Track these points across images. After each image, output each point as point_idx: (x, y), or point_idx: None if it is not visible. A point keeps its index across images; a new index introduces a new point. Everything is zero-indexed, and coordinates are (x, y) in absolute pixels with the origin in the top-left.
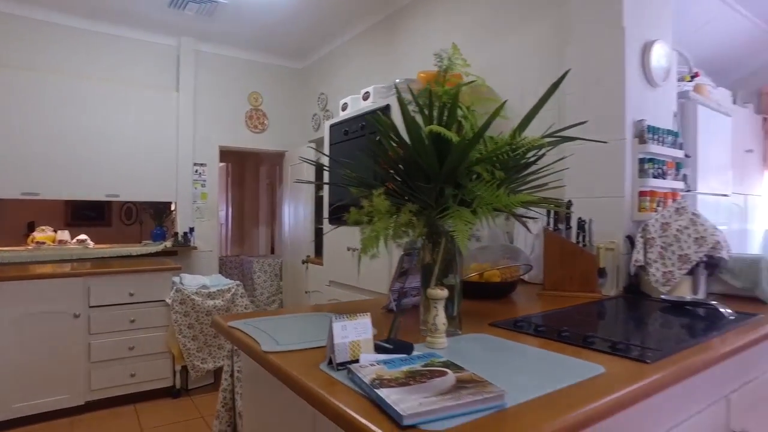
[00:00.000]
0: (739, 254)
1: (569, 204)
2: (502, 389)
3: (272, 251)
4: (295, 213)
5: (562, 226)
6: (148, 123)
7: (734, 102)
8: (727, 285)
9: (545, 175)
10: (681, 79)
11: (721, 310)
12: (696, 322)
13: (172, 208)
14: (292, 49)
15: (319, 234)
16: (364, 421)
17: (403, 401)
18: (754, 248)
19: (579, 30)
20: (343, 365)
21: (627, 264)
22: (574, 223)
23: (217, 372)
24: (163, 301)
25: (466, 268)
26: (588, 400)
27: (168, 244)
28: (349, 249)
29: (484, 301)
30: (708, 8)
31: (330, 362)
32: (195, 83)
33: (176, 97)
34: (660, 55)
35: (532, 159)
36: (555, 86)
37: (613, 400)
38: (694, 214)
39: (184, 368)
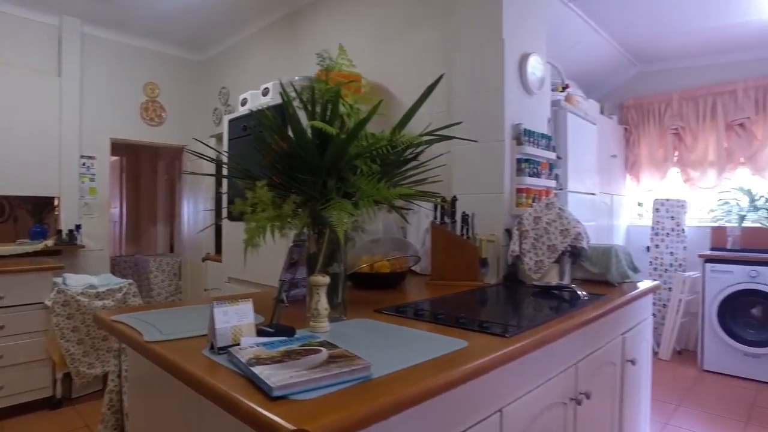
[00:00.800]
0: (596, 244)
1: (454, 199)
2: (369, 362)
3: (171, 250)
4: (195, 210)
5: (448, 220)
6: (24, 109)
7: (602, 113)
8: (586, 271)
9: (425, 171)
10: (554, 89)
11: (578, 292)
12: (556, 303)
13: (56, 203)
14: (192, 40)
15: (220, 231)
16: (237, 396)
17: (274, 376)
18: (619, 241)
19: (465, 39)
20: (224, 349)
21: (506, 254)
22: (459, 217)
23: (106, 377)
24: (42, 303)
25: (358, 259)
26: (447, 369)
27: (49, 242)
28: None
29: (375, 290)
30: (578, 30)
31: (212, 347)
32: (81, 69)
33: (58, 82)
34: (535, 67)
35: (411, 155)
36: (430, 89)
37: (469, 368)
38: (560, 209)
39: (67, 375)
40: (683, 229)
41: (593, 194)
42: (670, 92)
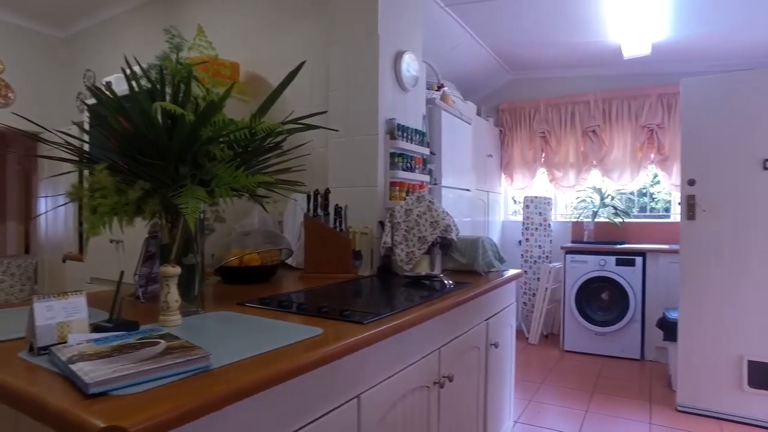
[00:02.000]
0: (464, 236)
1: (327, 191)
2: (208, 351)
3: (27, 250)
4: (55, 205)
5: (322, 213)
6: None
7: (479, 114)
8: (456, 261)
9: (289, 159)
10: (430, 88)
11: (445, 281)
12: (425, 292)
13: None
14: (49, 13)
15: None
16: (44, 397)
17: (94, 371)
18: (495, 235)
19: (341, 33)
20: (47, 348)
21: (380, 246)
22: (332, 210)
23: None
24: None
25: (228, 252)
26: (293, 356)
27: None
28: (112, 241)
29: (245, 284)
30: (455, 35)
31: (31, 348)
32: None
33: None
34: (410, 64)
35: (272, 143)
36: (292, 75)
37: (318, 354)
38: (430, 202)
39: None
40: (549, 224)
41: (468, 190)
42: (539, 99)
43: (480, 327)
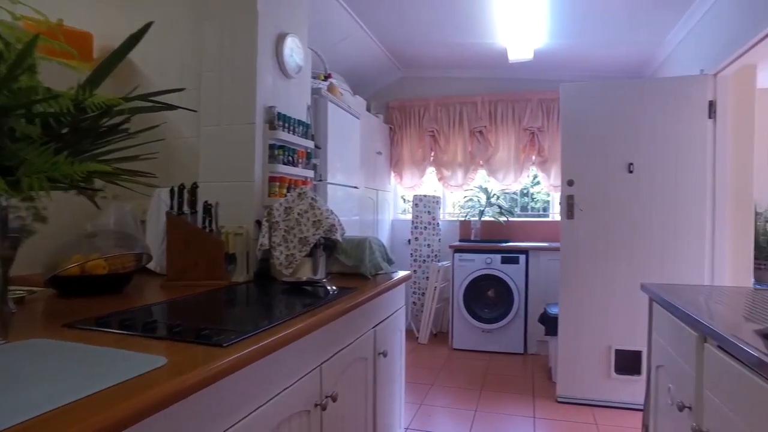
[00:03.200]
0: (350, 237)
1: (195, 186)
2: None
3: None
4: None
5: (188, 211)
6: None
7: (369, 110)
8: (342, 264)
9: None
10: (316, 77)
11: (329, 287)
12: (305, 300)
13: None
14: None
15: None
16: None
17: None
18: (384, 234)
19: (216, 6)
20: None
21: (256, 249)
22: (201, 207)
23: None
24: None
25: (67, 259)
26: (112, 406)
27: None
28: None
29: (89, 297)
30: (346, 26)
31: None
32: None
33: None
34: (294, 49)
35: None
36: (134, 39)
37: (150, 397)
38: (313, 199)
39: None
40: (438, 223)
41: (356, 188)
42: (429, 98)
43: (367, 336)
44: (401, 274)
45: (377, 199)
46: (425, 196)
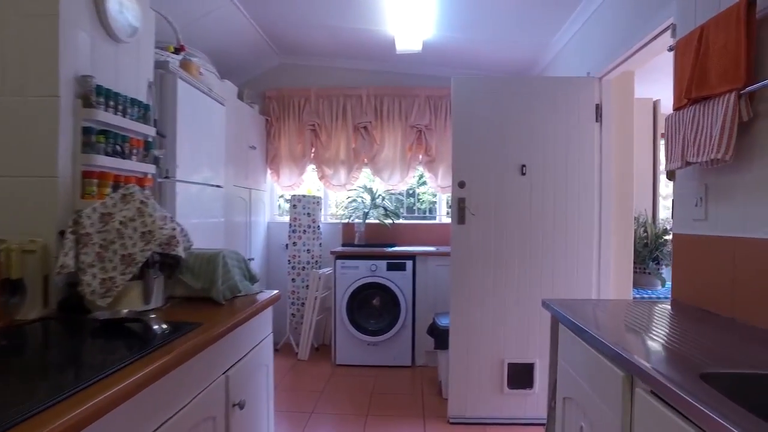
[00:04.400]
0: (200, 251)
1: None
2: None
3: None
4: None
5: None
6: None
7: (241, 98)
8: (189, 287)
9: None
10: (163, 48)
11: (154, 326)
12: (120, 348)
13: None
14: None
15: None
16: None
17: None
18: (260, 238)
19: None
20: None
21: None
22: None
23: None
24: None
25: None
26: None
27: None
28: None
29: None
30: None
31: None
32: None
33: None
34: (124, 4)
35: None
36: None
37: None
38: (143, 202)
39: None
40: (319, 226)
41: (219, 186)
42: (309, 88)
43: (216, 386)
44: (269, 294)
45: (250, 199)
46: (304, 196)
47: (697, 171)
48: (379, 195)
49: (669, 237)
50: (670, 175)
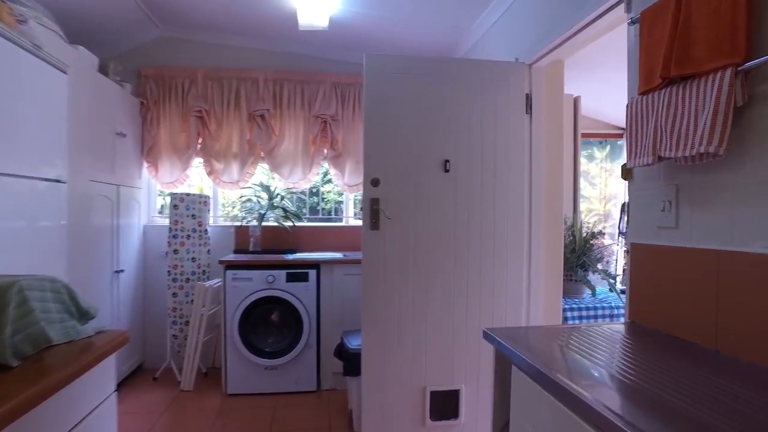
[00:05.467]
0: None
1: None
2: None
3: None
4: None
5: None
6: None
7: (105, 73)
8: None
9: None
10: None
11: None
12: None
13: None
14: None
15: None
16: None
17: None
18: (133, 244)
19: None
20: None
21: None
22: None
23: None
24: None
25: None
26: None
27: None
28: None
29: None
30: None
31: None
32: None
33: None
34: None
35: None
36: None
37: None
38: None
39: None
40: (206, 230)
41: (59, 182)
42: (196, 68)
43: None
44: (108, 335)
45: (119, 198)
46: (188, 194)
47: (665, 169)
48: (278, 194)
49: (597, 242)
50: (626, 174)
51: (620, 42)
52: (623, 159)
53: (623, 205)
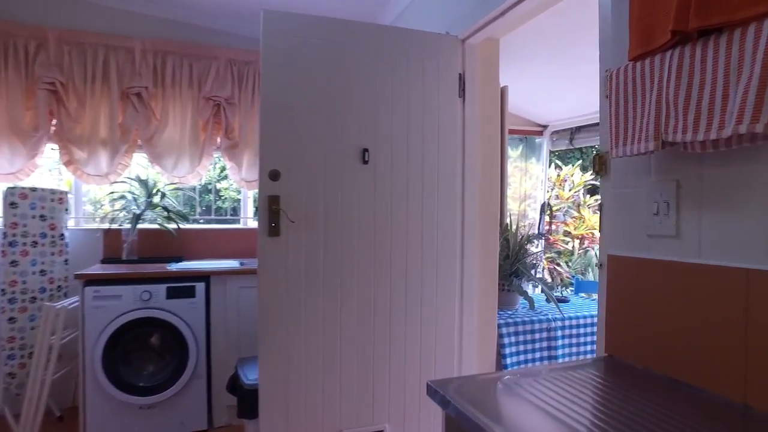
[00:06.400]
0: None
1: None
2: None
3: None
4: None
5: None
6: None
7: None
8: None
9: None
10: None
11: None
12: None
13: None
14: None
15: None
16: None
17: None
18: None
19: None
20: None
21: None
22: None
23: None
24: None
25: None
26: None
27: None
28: None
29: None
30: None
31: None
32: None
33: None
34: None
35: None
36: None
37: None
38: None
39: None
40: (62, 235)
41: None
42: (47, 28)
43: None
44: None
45: None
46: (36, 189)
47: (660, 160)
48: (159, 190)
49: (532, 247)
50: (600, 167)
51: (549, 29)
52: (542, 157)
53: (542, 206)
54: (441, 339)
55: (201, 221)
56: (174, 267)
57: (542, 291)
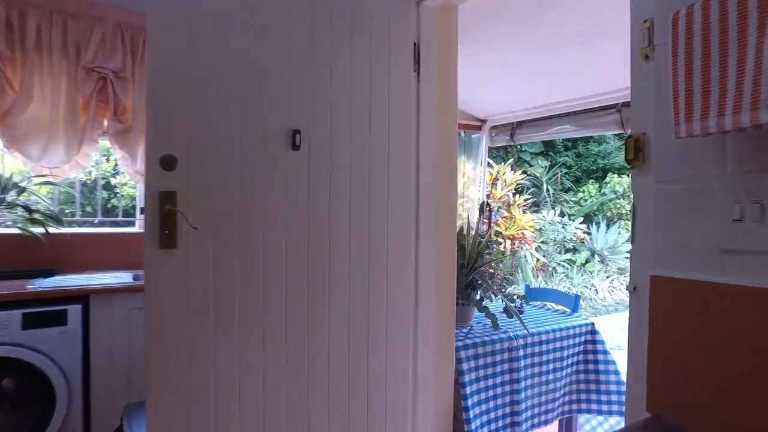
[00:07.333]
0: None
1: None
2: None
3: None
4: None
5: None
6: None
7: None
8: None
9: None
10: None
11: None
12: None
13: None
14: None
15: None
16: None
17: None
18: None
19: None
20: None
21: None
22: None
23: None
24: None
25: None
26: None
27: None
28: None
29: None
30: None
31: None
32: None
33: None
34: None
35: None
36: None
37: None
38: None
39: None
40: None
41: None
42: None
43: None
44: None
45: None
46: None
47: (749, 142)
48: (16, 183)
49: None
50: (635, 155)
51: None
52: (479, 153)
53: (482, 205)
54: (393, 370)
55: (85, 224)
56: (37, 285)
57: (504, 305)
